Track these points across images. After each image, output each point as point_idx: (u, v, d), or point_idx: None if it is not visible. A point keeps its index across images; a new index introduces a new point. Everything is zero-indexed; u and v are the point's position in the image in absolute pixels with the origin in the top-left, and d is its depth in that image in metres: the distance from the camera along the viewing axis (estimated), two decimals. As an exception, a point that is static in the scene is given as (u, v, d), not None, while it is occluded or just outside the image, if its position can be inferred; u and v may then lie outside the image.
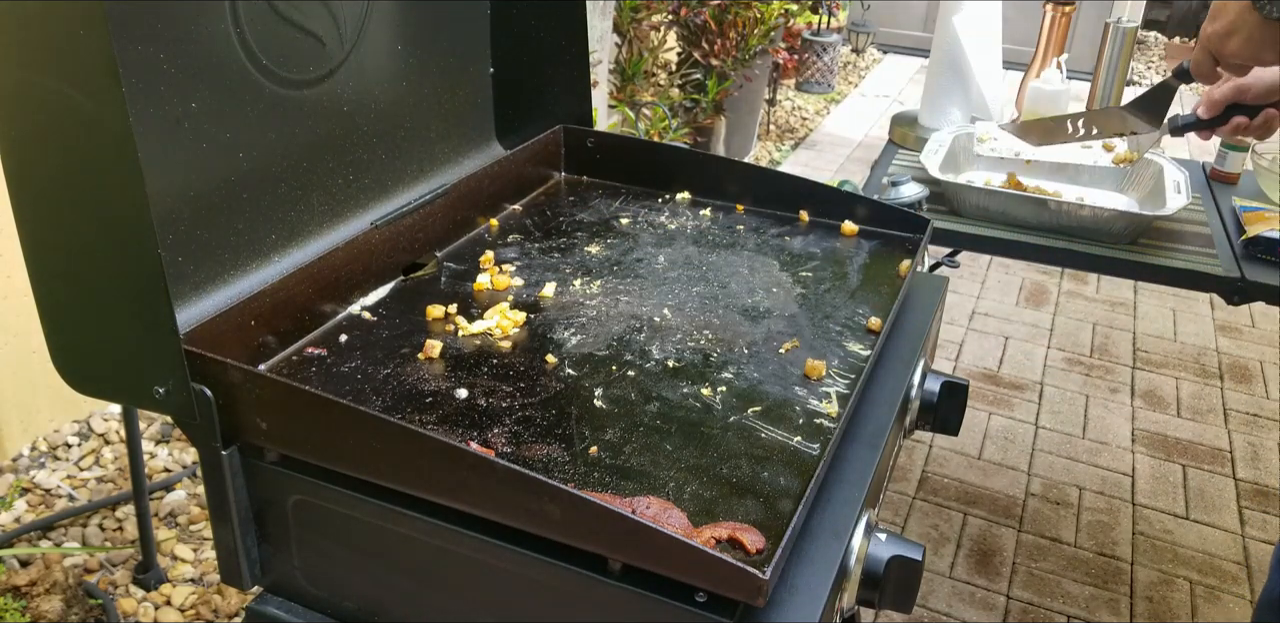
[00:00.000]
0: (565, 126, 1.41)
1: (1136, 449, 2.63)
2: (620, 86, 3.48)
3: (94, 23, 0.68)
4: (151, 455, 2.31)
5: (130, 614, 1.88)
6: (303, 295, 1.01)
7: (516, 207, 1.36)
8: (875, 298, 1.14)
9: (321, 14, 1.02)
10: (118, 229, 0.77)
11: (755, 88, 4.13)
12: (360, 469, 0.82)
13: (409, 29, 1.16)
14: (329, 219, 1.09)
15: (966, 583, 2.15)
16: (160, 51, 0.85)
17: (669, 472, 0.85)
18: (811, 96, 5.35)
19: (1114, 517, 2.37)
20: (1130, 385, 2.92)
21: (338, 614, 0.92)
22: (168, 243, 0.89)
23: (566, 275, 1.18)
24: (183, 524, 2.13)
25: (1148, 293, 3.47)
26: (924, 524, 2.32)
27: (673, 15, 3.61)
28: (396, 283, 1.14)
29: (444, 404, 0.93)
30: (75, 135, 0.74)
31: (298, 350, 1.00)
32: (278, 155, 1.01)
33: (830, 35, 5.23)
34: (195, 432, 0.85)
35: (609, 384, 0.97)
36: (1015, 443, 2.63)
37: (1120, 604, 2.10)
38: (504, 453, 0.86)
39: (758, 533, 0.77)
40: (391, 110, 1.16)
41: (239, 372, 0.80)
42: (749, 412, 0.93)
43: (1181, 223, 1.80)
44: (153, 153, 0.86)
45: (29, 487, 2.20)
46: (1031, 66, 2.11)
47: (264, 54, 0.95)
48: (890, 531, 0.85)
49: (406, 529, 0.82)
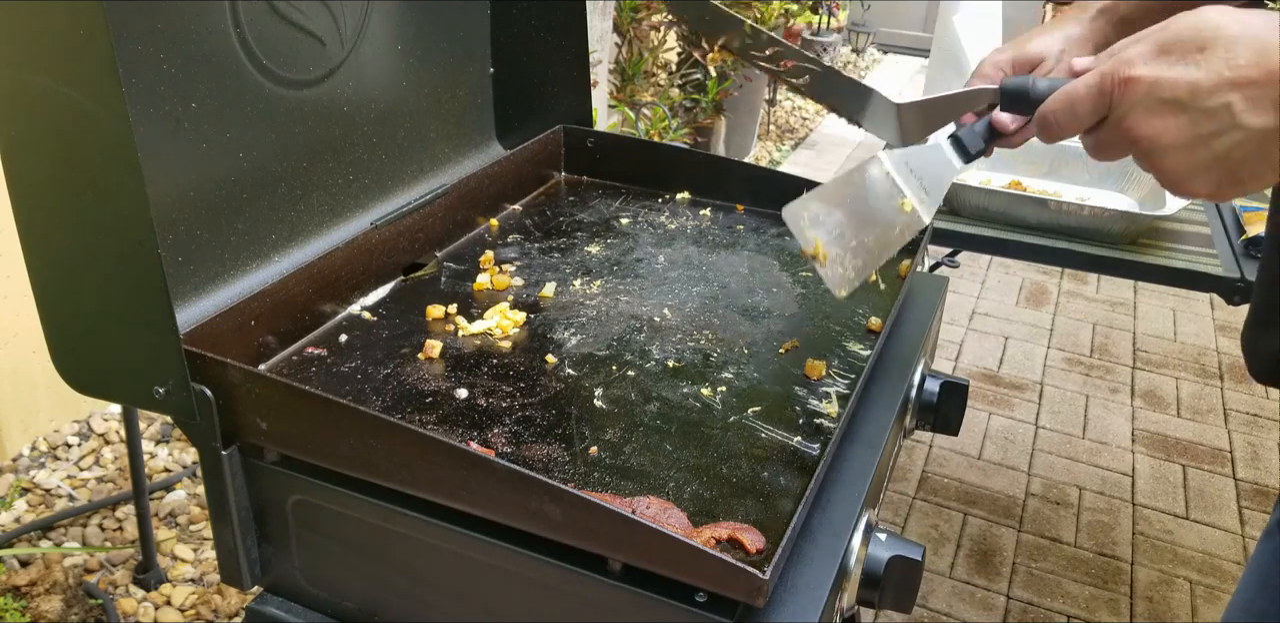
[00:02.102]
0: (565, 126, 1.41)
1: (1136, 449, 2.63)
2: (620, 86, 3.48)
3: (94, 23, 0.68)
4: (151, 456, 2.31)
5: (130, 614, 1.88)
6: (303, 295, 1.01)
7: (516, 207, 1.36)
8: (875, 298, 1.14)
9: (321, 14, 1.02)
10: (118, 229, 0.77)
11: (755, 88, 4.13)
12: (360, 469, 0.82)
13: (409, 29, 1.16)
14: (329, 219, 1.09)
15: (966, 583, 2.15)
16: (160, 51, 0.85)
17: (669, 472, 0.85)
18: (811, 96, 5.34)
19: (1114, 517, 2.37)
20: (1130, 385, 2.91)
21: (338, 614, 0.92)
22: (168, 243, 0.89)
23: (566, 275, 1.18)
24: (183, 524, 2.12)
25: (1148, 293, 3.47)
26: (924, 524, 2.32)
27: (673, 15, 3.61)
28: (396, 283, 1.14)
29: (444, 404, 0.93)
30: (75, 135, 0.74)
31: (298, 350, 1.00)
32: (278, 155, 1.01)
33: (830, 35, 5.23)
34: (195, 432, 0.85)
35: (609, 384, 0.97)
36: (1015, 443, 2.63)
37: (1120, 604, 2.10)
38: (504, 453, 0.86)
39: (758, 533, 0.77)
40: (391, 110, 1.16)
41: (239, 372, 0.80)
42: (749, 412, 0.93)
43: (1181, 223, 1.80)
44: (153, 153, 0.86)
45: (29, 487, 2.20)
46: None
47: (264, 54, 0.95)
48: (890, 531, 0.85)
49: (406, 529, 0.82)
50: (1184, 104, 0.64)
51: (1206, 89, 0.63)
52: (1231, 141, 0.63)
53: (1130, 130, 0.67)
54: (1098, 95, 0.69)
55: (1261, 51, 0.62)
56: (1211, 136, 0.64)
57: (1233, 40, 0.63)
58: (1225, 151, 0.64)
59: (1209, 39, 0.64)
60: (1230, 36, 0.63)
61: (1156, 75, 0.65)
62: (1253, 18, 0.64)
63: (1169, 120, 0.65)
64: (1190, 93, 0.64)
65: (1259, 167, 0.64)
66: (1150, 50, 0.66)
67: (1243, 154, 0.63)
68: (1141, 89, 0.66)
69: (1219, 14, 0.65)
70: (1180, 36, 0.65)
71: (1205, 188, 0.66)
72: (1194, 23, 0.65)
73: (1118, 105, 0.68)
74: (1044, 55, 1.11)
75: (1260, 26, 0.63)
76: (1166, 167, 0.67)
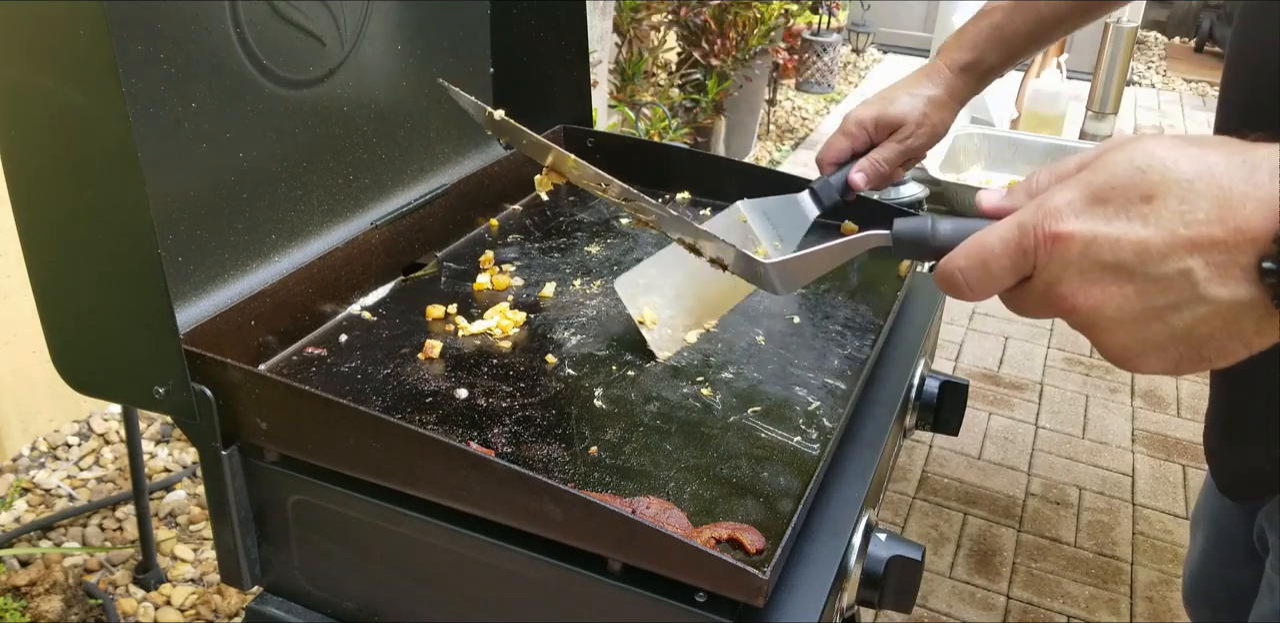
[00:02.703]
0: (565, 126, 1.41)
1: (1136, 449, 2.63)
2: (620, 86, 3.48)
3: (94, 23, 0.68)
4: (151, 456, 2.31)
5: (130, 614, 1.88)
6: (303, 295, 1.01)
7: (516, 207, 1.36)
8: (875, 298, 1.14)
9: (321, 14, 1.02)
10: (118, 229, 0.77)
11: (755, 88, 4.13)
12: (360, 469, 0.82)
13: (409, 29, 1.16)
14: (329, 219, 1.09)
15: (966, 583, 2.15)
16: (160, 51, 0.85)
17: (669, 472, 0.85)
18: (811, 96, 5.34)
19: (1114, 517, 2.37)
20: (1130, 385, 2.91)
21: (338, 614, 0.92)
22: (168, 243, 0.89)
23: (566, 275, 1.18)
24: (183, 524, 2.13)
25: (1148, 293, 3.46)
26: (924, 524, 2.32)
27: (673, 15, 3.61)
28: (396, 283, 1.14)
29: (444, 404, 0.93)
30: (75, 135, 0.74)
31: (298, 350, 1.00)
32: (278, 155, 1.01)
33: (830, 35, 5.23)
34: (195, 432, 0.85)
35: (609, 384, 0.97)
36: (1015, 443, 2.63)
37: (1120, 604, 2.10)
38: (504, 453, 0.86)
39: (758, 533, 0.77)
40: (391, 110, 1.16)
41: (239, 372, 0.80)
42: (749, 412, 0.93)
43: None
44: (153, 153, 0.86)
45: (29, 487, 2.20)
46: (1031, 67, 2.12)
47: (264, 54, 0.95)
48: (890, 531, 0.85)
49: (406, 529, 0.82)
50: (1130, 270, 0.52)
51: (1158, 252, 0.51)
52: (1194, 317, 0.51)
53: (1064, 299, 0.55)
54: (1018, 253, 0.55)
55: (1223, 202, 0.49)
56: (1168, 310, 0.51)
57: (1187, 187, 0.50)
58: (1186, 328, 0.52)
59: (1156, 185, 0.51)
60: (1183, 182, 0.50)
61: (1093, 233, 0.52)
62: (1210, 153, 0.51)
63: (1112, 289, 0.52)
64: (1138, 256, 0.51)
65: (1229, 344, 0.51)
66: (1082, 198, 0.53)
67: (1208, 330, 0.51)
68: (1075, 249, 0.53)
69: (1167, 149, 0.52)
70: (1119, 181, 0.52)
71: (1160, 366, 0.54)
72: (1136, 162, 0.52)
73: (1045, 267, 0.55)
74: (904, 119, 1.10)
75: (1221, 166, 0.50)
76: (1112, 342, 0.54)
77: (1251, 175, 0.49)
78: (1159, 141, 0.53)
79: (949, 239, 0.62)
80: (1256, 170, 0.49)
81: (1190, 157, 0.51)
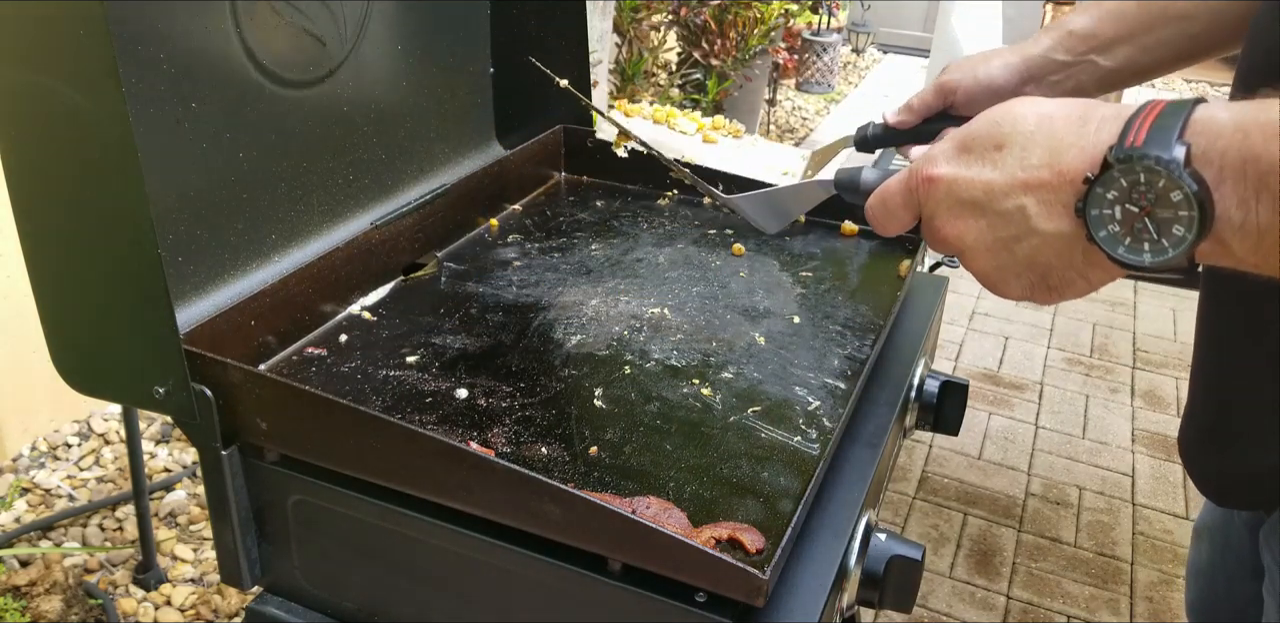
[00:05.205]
0: (565, 126, 1.41)
1: (1136, 449, 2.63)
2: (620, 86, 3.48)
3: (94, 23, 0.68)
4: (151, 456, 2.31)
5: (130, 614, 1.88)
6: (303, 295, 1.01)
7: (516, 207, 1.36)
8: (875, 298, 1.14)
9: (321, 14, 1.02)
10: (118, 229, 0.77)
11: (755, 88, 4.14)
12: (360, 469, 0.82)
13: (409, 29, 1.16)
14: (329, 219, 1.09)
15: (966, 583, 2.15)
16: (160, 51, 0.85)
17: (669, 472, 0.85)
18: (811, 96, 5.35)
19: (1114, 517, 2.37)
20: (1130, 385, 2.92)
21: (338, 614, 0.92)
22: (168, 243, 0.89)
23: (566, 275, 1.18)
24: (183, 524, 2.13)
25: (1148, 293, 3.47)
26: (924, 524, 2.32)
27: (673, 15, 3.61)
28: (396, 283, 1.14)
29: (444, 404, 0.93)
30: (75, 135, 0.74)
31: (298, 350, 1.00)
32: (278, 155, 1.01)
33: (830, 35, 5.23)
34: (195, 432, 0.85)
35: (609, 384, 0.97)
36: (1015, 443, 2.63)
37: (1120, 604, 2.10)
38: (504, 453, 0.86)
39: (758, 533, 0.77)
40: (391, 110, 1.16)
41: (239, 372, 0.80)
42: (749, 412, 0.93)
43: (1181, 223, 1.80)
44: (153, 153, 0.86)
45: (29, 487, 2.20)
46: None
47: (264, 54, 0.95)
48: (890, 531, 0.85)
49: (406, 529, 0.82)
50: (981, 206, 0.62)
51: (1000, 191, 0.60)
52: (1031, 247, 0.60)
53: (938, 231, 0.65)
54: (906, 192, 0.67)
55: (1054, 151, 0.58)
56: (1012, 240, 0.61)
57: (1028, 138, 0.59)
58: (1028, 257, 0.61)
59: (1006, 136, 0.61)
60: (1026, 133, 0.60)
61: (954, 174, 0.63)
62: (1058, 109, 0.60)
63: (969, 222, 0.63)
64: (986, 194, 0.61)
65: (1066, 273, 0.60)
66: (953, 147, 0.64)
67: (1045, 259, 0.60)
68: (942, 188, 0.64)
69: (1025, 106, 0.61)
70: (979, 133, 0.62)
71: (1019, 291, 0.63)
72: (996, 117, 0.62)
73: (924, 204, 0.66)
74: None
75: (1060, 120, 0.59)
76: (977, 268, 0.65)
77: (1081, 128, 0.58)
78: (1020, 100, 0.62)
79: (871, 185, 0.77)
80: (1086, 123, 0.58)
81: (1038, 112, 0.60)
